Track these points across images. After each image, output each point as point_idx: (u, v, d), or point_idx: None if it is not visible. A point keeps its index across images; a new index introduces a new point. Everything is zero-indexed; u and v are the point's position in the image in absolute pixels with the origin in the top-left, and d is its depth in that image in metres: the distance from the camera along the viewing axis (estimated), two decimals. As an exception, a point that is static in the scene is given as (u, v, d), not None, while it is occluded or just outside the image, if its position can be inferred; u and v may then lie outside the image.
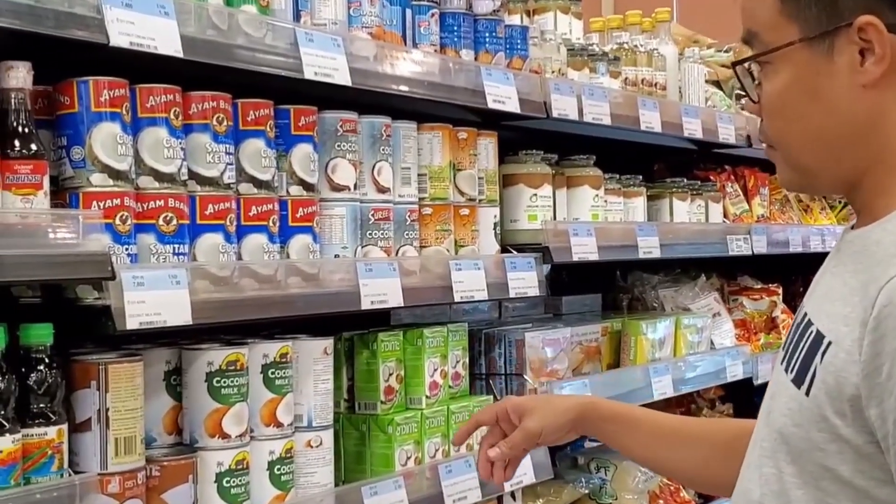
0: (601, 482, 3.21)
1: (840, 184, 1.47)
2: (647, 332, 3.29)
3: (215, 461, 2.06)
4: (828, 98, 1.40)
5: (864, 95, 1.38)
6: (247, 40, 2.04)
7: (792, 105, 1.42)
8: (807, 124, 1.42)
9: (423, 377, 2.55)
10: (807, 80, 1.41)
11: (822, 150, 1.43)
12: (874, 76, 1.37)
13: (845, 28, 1.37)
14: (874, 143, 1.41)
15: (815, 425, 1.34)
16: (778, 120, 1.46)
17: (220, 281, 1.98)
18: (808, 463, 1.36)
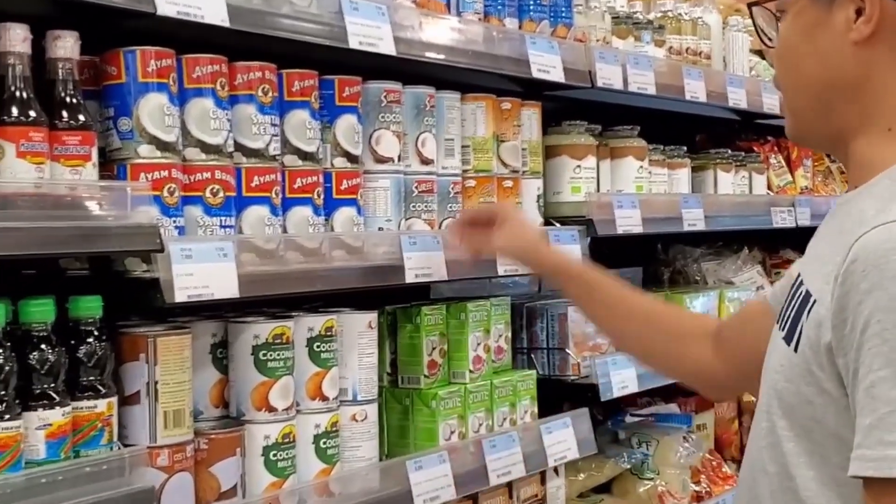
0: (643, 457, 3.19)
1: (831, 137, 1.55)
2: (691, 306, 3.25)
3: (262, 434, 2.05)
4: (822, 49, 1.50)
5: (853, 52, 1.47)
6: (291, 9, 2.01)
7: (792, 51, 1.54)
8: (802, 71, 1.53)
9: (466, 351, 2.53)
10: (807, 30, 1.51)
11: (813, 98, 1.53)
12: (863, 35, 1.46)
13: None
14: (862, 102, 1.49)
15: (803, 379, 1.40)
16: (781, 64, 1.58)
17: (266, 254, 1.96)
18: (800, 416, 1.42)
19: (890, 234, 1.32)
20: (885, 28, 1.46)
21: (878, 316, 1.29)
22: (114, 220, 1.73)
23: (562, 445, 2.71)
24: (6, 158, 1.67)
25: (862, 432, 1.30)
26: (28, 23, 1.73)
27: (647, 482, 3.16)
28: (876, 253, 1.32)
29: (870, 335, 1.30)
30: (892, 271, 1.30)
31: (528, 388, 2.68)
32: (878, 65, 1.47)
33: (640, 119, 3.18)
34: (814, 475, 1.41)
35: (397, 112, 2.32)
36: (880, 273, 1.30)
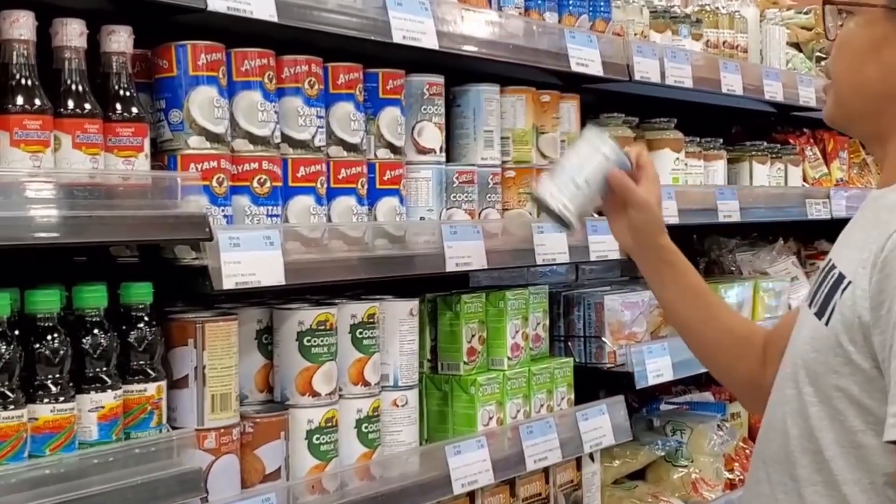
0: (677, 445, 3.22)
1: (872, 134, 1.69)
2: (726, 296, 3.27)
3: (306, 418, 2.10)
4: (887, 62, 1.62)
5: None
6: (337, 4, 2.05)
7: (857, 55, 1.65)
8: (862, 75, 1.65)
9: (504, 339, 2.57)
10: (876, 41, 1.63)
11: (868, 100, 1.66)
12: None
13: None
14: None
15: (831, 351, 1.55)
16: (842, 62, 1.68)
17: (311, 242, 2.01)
18: (824, 384, 1.56)
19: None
20: None
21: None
22: (165, 209, 1.78)
23: (597, 432, 2.75)
24: (62, 149, 1.73)
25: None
26: (84, 18, 1.78)
27: (681, 469, 3.19)
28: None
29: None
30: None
31: (565, 375, 2.73)
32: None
33: (677, 111, 3.21)
34: (834, 437, 1.56)
35: (439, 104, 2.36)
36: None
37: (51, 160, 1.70)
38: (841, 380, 1.54)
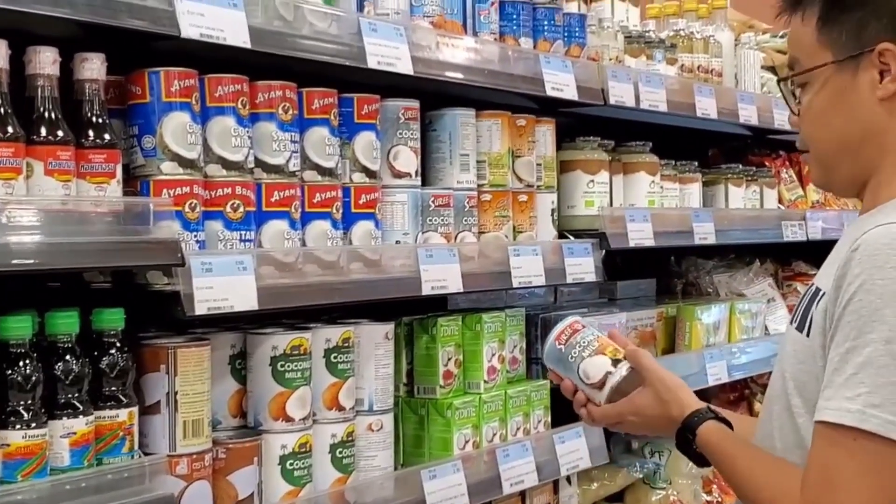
0: (655, 467, 3.22)
1: (855, 180, 1.76)
2: (702, 317, 3.29)
3: (279, 444, 2.10)
4: (850, 108, 1.72)
5: (879, 108, 1.71)
6: (311, 30, 2.07)
7: (823, 113, 1.75)
8: (833, 129, 1.75)
9: (481, 362, 2.58)
10: (835, 94, 1.73)
11: (842, 150, 1.75)
12: (890, 92, 1.69)
13: (868, 53, 1.70)
14: (882, 144, 1.72)
15: (813, 360, 1.63)
16: (811, 126, 1.78)
17: (285, 267, 2.01)
18: (811, 393, 1.62)
19: (886, 232, 1.57)
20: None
21: (858, 296, 1.55)
22: (136, 235, 1.78)
23: (574, 455, 2.75)
24: (35, 176, 1.73)
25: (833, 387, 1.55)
26: (57, 45, 1.79)
27: (659, 492, 3.20)
28: (872, 245, 1.56)
29: (850, 310, 1.55)
30: (879, 261, 1.54)
31: (542, 398, 2.73)
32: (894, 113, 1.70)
33: (653, 134, 3.23)
34: None
35: (415, 128, 2.37)
36: (871, 261, 1.55)
37: (23, 187, 1.70)
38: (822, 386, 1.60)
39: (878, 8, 1.69)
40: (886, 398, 1.51)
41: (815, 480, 1.57)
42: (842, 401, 1.54)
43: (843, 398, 1.54)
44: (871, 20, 1.70)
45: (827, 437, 1.56)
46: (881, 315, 1.52)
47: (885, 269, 1.54)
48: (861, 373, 1.53)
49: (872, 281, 1.54)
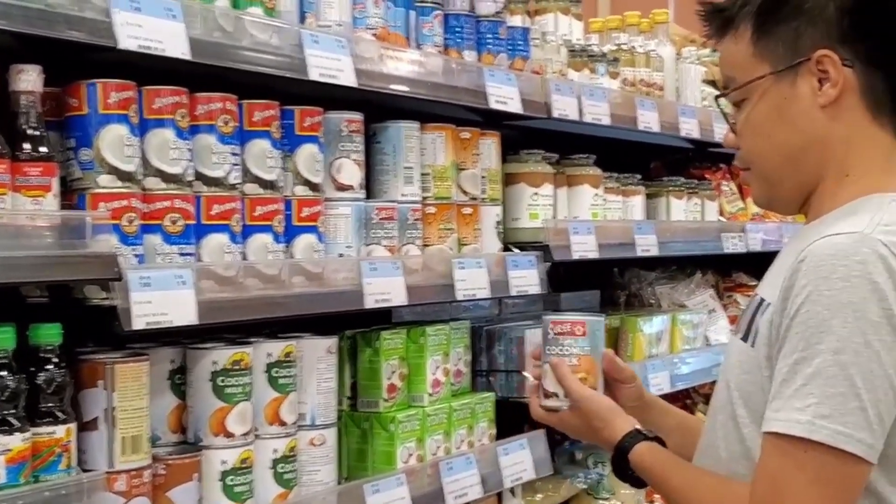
0: (599, 477, 3.24)
1: (800, 193, 1.76)
2: (644, 329, 3.31)
3: (220, 459, 2.08)
4: (791, 118, 1.72)
5: (820, 115, 1.70)
6: (252, 42, 2.05)
7: (763, 125, 1.74)
8: (775, 141, 1.74)
9: (425, 375, 2.57)
10: (775, 105, 1.72)
11: (787, 162, 1.74)
12: (831, 98, 1.69)
13: (806, 62, 1.70)
14: (826, 154, 1.72)
15: (759, 370, 1.63)
16: (752, 140, 1.76)
17: (225, 281, 1.99)
18: (756, 403, 1.63)
19: (833, 242, 1.57)
20: (846, 90, 1.70)
21: (806, 307, 1.55)
22: (73, 248, 1.76)
23: (518, 467, 2.75)
24: (-31, 189, 1.69)
25: (783, 398, 1.56)
26: (-7, 56, 1.76)
27: (602, 502, 3.21)
28: (819, 257, 1.56)
29: (798, 321, 1.56)
30: (826, 272, 1.54)
31: (486, 410, 2.73)
32: (840, 121, 1.70)
33: (597, 147, 3.25)
34: None
35: (358, 141, 2.37)
36: (817, 273, 1.55)
37: (-44, 201, 1.67)
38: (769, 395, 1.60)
39: (812, 16, 1.70)
40: (835, 409, 1.52)
41: (765, 491, 1.57)
42: (791, 412, 1.54)
43: (792, 409, 1.54)
44: (806, 29, 1.70)
45: (776, 447, 1.56)
46: (829, 326, 1.53)
47: (832, 279, 1.54)
48: (810, 384, 1.53)
49: (819, 292, 1.54)
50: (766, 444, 1.58)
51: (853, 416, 1.52)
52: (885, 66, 1.72)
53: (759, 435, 1.62)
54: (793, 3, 1.71)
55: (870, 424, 1.53)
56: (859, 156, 1.72)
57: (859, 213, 1.64)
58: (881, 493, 1.60)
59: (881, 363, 1.53)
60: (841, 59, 1.69)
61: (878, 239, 1.56)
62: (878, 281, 1.53)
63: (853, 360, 1.52)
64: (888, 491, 1.60)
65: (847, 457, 1.52)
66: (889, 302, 1.53)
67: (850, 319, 1.52)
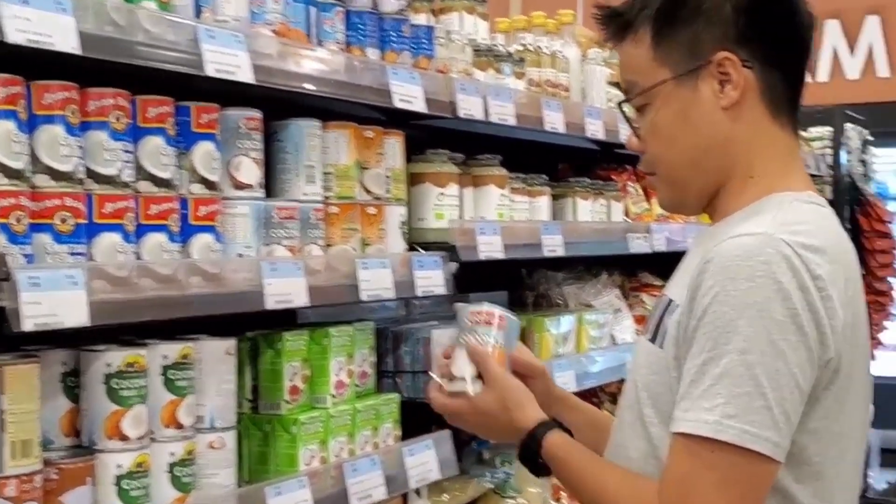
0: (506, 476, 3.25)
1: (706, 195, 1.78)
2: (551, 329, 3.33)
3: (114, 463, 2.03)
4: (695, 121, 1.73)
5: (723, 117, 1.72)
6: (147, 37, 2.01)
7: (667, 130, 1.75)
8: (680, 144, 1.74)
9: (328, 376, 2.55)
10: (678, 109, 1.73)
11: (692, 165, 1.75)
12: (733, 100, 1.71)
13: (706, 65, 1.71)
14: (730, 156, 1.74)
15: (667, 371, 1.65)
16: (657, 145, 1.77)
17: (119, 281, 1.95)
18: (665, 403, 1.65)
19: (739, 243, 1.59)
20: (747, 91, 1.72)
21: (713, 307, 1.57)
22: (-43, 248, 1.70)
23: (423, 467, 2.74)
24: None
25: (691, 399, 1.57)
26: None
27: (509, 501, 3.22)
28: (725, 257, 1.58)
29: (705, 322, 1.57)
30: (733, 273, 1.56)
31: (391, 411, 2.71)
32: (742, 121, 1.72)
33: (504, 148, 3.26)
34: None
35: (257, 139, 2.33)
36: (724, 273, 1.57)
37: None
38: (676, 396, 1.62)
39: (710, 18, 1.71)
40: (743, 409, 1.54)
41: (673, 491, 1.59)
42: (699, 412, 1.56)
43: (700, 409, 1.56)
44: (705, 31, 1.71)
45: (684, 448, 1.58)
46: (736, 326, 1.55)
47: (738, 280, 1.56)
48: (718, 384, 1.55)
49: (726, 292, 1.56)
50: (675, 443, 1.59)
51: (759, 416, 1.54)
52: (782, 65, 1.75)
53: (666, 435, 1.63)
54: (690, 6, 1.72)
55: (776, 423, 1.55)
56: (761, 156, 1.74)
57: (762, 213, 1.66)
58: (788, 491, 1.63)
59: (787, 362, 1.55)
60: (740, 60, 1.70)
61: (782, 239, 1.59)
62: (783, 281, 1.56)
63: (759, 360, 1.54)
64: (795, 489, 1.63)
65: (754, 456, 1.54)
66: (793, 301, 1.56)
67: (756, 319, 1.54)
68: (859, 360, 1.69)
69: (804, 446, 1.61)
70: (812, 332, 1.57)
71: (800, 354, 1.56)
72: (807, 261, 1.58)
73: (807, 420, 1.61)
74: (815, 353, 1.58)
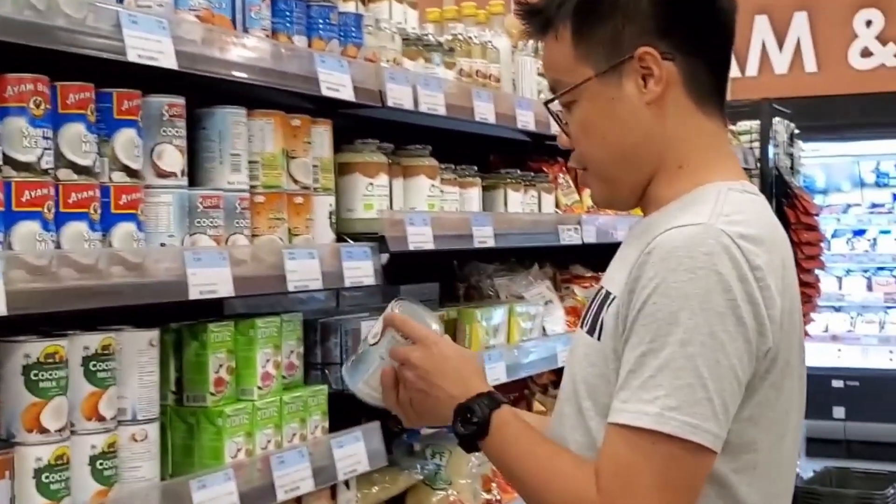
0: (436, 468, 3.24)
1: (638, 189, 1.78)
2: (482, 320, 3.33)
3: (33, 456, 1.98)
4: (621, 117, 1.73)
5: (648, 111, 1.72)
6: (67, 21, 1.96)
7: (595, 127, 1.74)
8: (609, 141, 1.74)
9: (255, 368, 2.52)
10: (604, 105, 1.73)
11: (622, 160, 1.75)
12: (656, 94, 1.71)
13: (628, 60, 1.71)
14: (658, 149, 1.74)
15: (604, 363, 1.65)
16: (586, 143, 1.76)
17: (37, 270, 1.90)
18: (602, 395, 1.65)
19: (679, 234, 1.59)
20: (670, 83, 1.72)
21: (654, 298, 1.57)
22: None
23: (352, 459, 2.73)
24: None
25: (630, 389, 1.57)
26: None
27: (439, 493, 3.22)
28: (665, 248, 1.59)
29: (645, 313, 1.57)
30: (673, 264, 1.57)
31: (319, 403, 2.69)
32: (668, 114, 1.73)
33: (434, 139, 3.25)
34: None
35: (180, 126, 2.29)
36: (664, 264, 1.57)
37: None
38: (614, 388, 1.62)
39: (628, 13, 1.71)
40: (684, 400, 1.54)
41: (613, 483, 1.58)
42: (639, 403, 1.56)
43: (640, 401, 1.56)
44: (624, 26, 1.71)
45: (624, 439, 1.57)
46: (676, 318, 1.55)
47: (679, 271, 1.56)
48: (658, 375, 1.55)
49: (667, 284, 1.56)
50: (613, 434, 1.59)
51: (701, 408, 1.54)
52: (705, 53, 1.75)
53: (602, 428, 1.63)
54: (608, 1, 1.71)
55: (716, 415, 1.55)
56: (691, 147, 1.74)
57: (700, 203, 1.66)
58: (725, 481, 1.63)
59: (726, 353, 1.56)
60: (661, 53, 1.70)
61: (722, 229, 1.59)
62: (723, 272, 1.56)
63: (700, 352, 1.54)
64: (733, 479, 1.64)
65: (695, 447, 1.55)
66: (733, 292, 1.56)
67: (697, 311, 1.55)
68: (795, 346, 1.71)
69: (741, 433, 1.62)
70: (751, 322, 1.58)
71: (739, 346, 1.57)
72: (746, 251, 1.59)
73: (744, 408, 1.62)
74: (753, 345, 1.59)
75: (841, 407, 8.96)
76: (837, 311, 9.81)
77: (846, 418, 8.95)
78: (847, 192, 10.21)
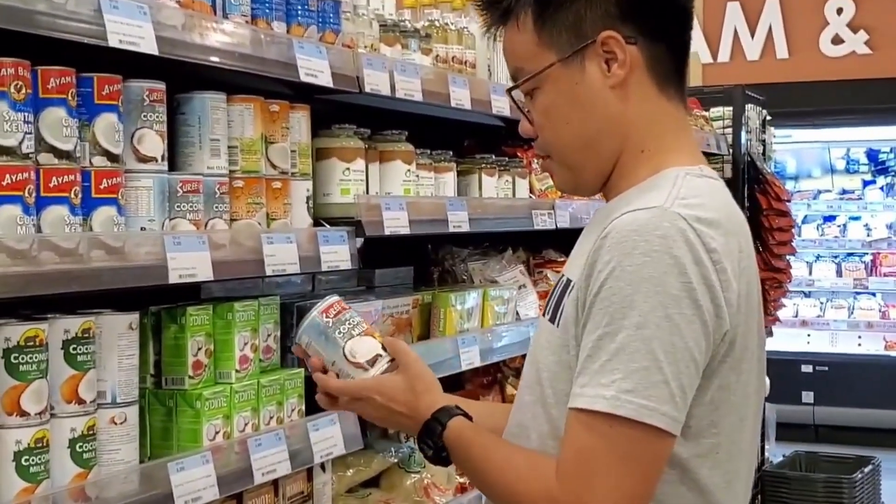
0: (410, 451, 3.27)
1: (602, 175, 1.78)
2: (456, 304, 3.36)
3: (13, 439, 2.00)
4: (585, 102, 1.73)
5: (612, 95, 1.72)
6: (48, 6, 1.97)
7: (559, 113, 1.74)
8: (572, 126, 1.74)
9: (233, 351, 2.54)
10: (567, 91, 1.72)
11: (586, 146, 1.75)
12: (620, 78, 1.72)
13: (591, 45, 1.71)
14: (622, 133, 1.74)
15: (564, 350, 1.66)
16: (549, 129, 1.76)
17: (18, 254, 1.91)
18: (564, 383, 1.65)
19: (633, 218, 1.60)
20: (633, 67, 1.73)
21: (609, 283, 1.58)
22: None
23: (328, 442, 2.75)
24: None
25: (588, 374, 1.58)
26: None
27: (413, 475, 3.25)
28: (621, 232, 1.59)
29: (601, 297, 1.58)
30: (628, 248, 1.58)
31: (296, 386, 2.72)
32: (630, 99, 1.73)
33: (410, 124, 3.27)
34: None
35: (161, 111, 2.31)
36: (620, 248, 1.58)
37: None
38: (574, 375, 1.63)
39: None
40: (639, 383, 1.55)
41: (572, 468, 1.59)
42: (597, 387, 1.56)
43: (597, 385, 1.56)
44: (587, 11, 1.71)
45: (583, 423, 1.58)
46: (632, 301, 1.56)
47: (634, 255, 1.57)
48: (615, 359, 1.55)
49: (622, 268, 1.57)
50: (572, 419, 1.60)
51: (657, 390, 1.55)
52: (666, 37, 1.76)
53: (563, 416, 1.64)
54: None
55: (673, 397, 1.56)
56: (652, 131, 1.75)
57: (657, 188, 1.68)
58: (686, 465, 1.65)
59: (682, 336, 1.57)
60: (624, 37, 1.71)
61: (677, 213, 1.61)
62: (678, 255, 1.57)
63: (655, 335, 1.55)
64: (694, 463, 1.65)
65: (652, 430, 1.56)
66: (689, 275, 1.57)
67: (652, 294, 1.56)
68: (753, 329, 1.72)
69: (701, 418, 1.64)
70: (707, 305, 1.59)
71: (695, 328, 1.58)
72: (702, 234, 1.60)
73: (704, 392, 1.64)
74: (710, 327, 1.61)
75: (810, 392, 9.08)
76: (807, 296, 9.93)
77: (815, 403, 9.07)
78: (818, 178, 10.33)
